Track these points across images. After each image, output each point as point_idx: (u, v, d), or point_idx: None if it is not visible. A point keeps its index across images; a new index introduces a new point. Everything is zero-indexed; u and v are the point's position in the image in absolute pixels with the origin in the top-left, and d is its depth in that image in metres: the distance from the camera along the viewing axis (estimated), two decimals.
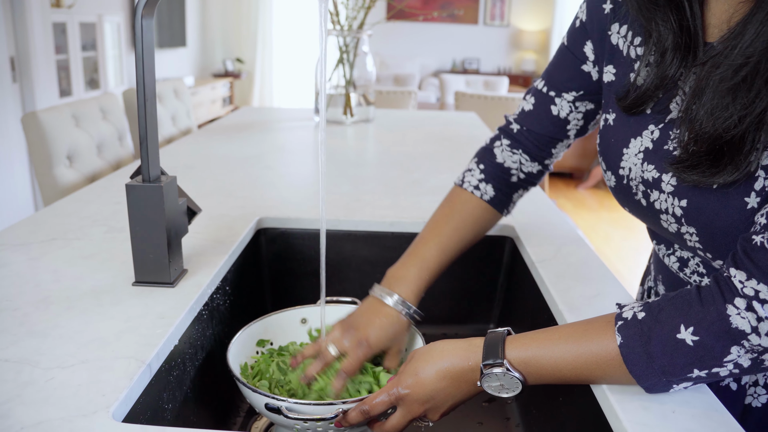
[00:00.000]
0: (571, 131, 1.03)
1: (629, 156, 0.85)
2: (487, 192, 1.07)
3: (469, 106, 4.38)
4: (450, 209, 1.08)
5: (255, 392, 0.83)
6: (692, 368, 0.68)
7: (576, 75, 0.98)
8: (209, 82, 7.48)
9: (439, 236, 1.04)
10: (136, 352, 0.80)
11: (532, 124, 1.04)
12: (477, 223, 1.07)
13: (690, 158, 0.73)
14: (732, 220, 0.73)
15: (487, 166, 1.08)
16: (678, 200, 0.77)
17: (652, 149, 0.82)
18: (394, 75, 8.42)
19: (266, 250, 1.37)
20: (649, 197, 0.83)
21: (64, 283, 0.99)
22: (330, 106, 2.68)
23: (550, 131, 1.03)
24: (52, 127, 1.97)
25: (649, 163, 0.81)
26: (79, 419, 0.66)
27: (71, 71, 4.98)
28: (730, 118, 0.68)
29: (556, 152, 1.07)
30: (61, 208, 1.37)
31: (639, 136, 0.84)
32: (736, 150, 0.69)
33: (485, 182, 1.07)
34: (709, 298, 0.68)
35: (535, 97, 1.04)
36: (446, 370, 0.78)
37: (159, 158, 0.95)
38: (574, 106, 0.99)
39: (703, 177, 0.72)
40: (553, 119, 1.02)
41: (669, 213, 0.80)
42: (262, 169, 1.79)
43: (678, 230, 0.81)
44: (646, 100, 0.82)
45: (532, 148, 1.06)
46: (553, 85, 1.01)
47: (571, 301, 1.00)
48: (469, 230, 1.06)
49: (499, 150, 1.08)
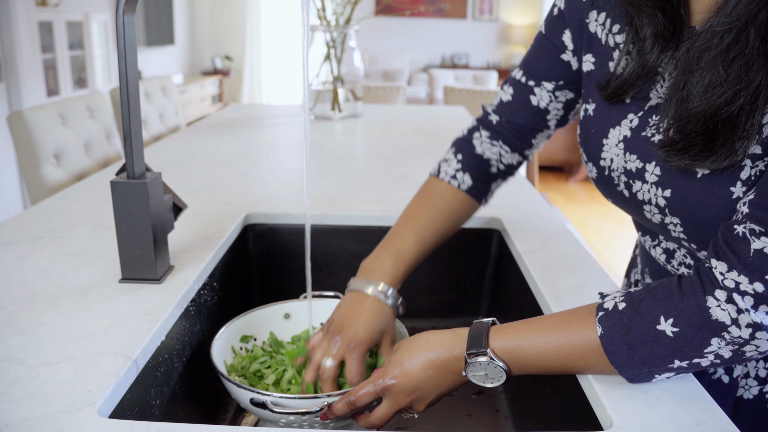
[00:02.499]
0: (551, 121, 1.02)
1: (610, 146, 0.85)
2: (465, 181, 1.06)
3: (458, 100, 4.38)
4: (426, 200, 1.06)
5: (239, 387, 0.83)
6: (673, 359, 0.68)
7: (555, 64, 0.97)
8: (198, 80, 7.46)
9: (414, 227, 1.02)
10: (122, 348, 0.80)
11: (511, 115, 1.03)
12: (454, 213, 1.06)
13: (682, 140, 0.71)
14: (717, 210, 0.72)
15: (465, 156, 1.07)
16: (661, 190, 0.77)
17: (630, 137, 0.81)
18: (383, 71, 8.41)
19: (254, 246, 1.37)
20: (631, 188, 0.82)
21: (50, 281, 0.98)
22: (318, 102, 2.68)
23: (530, 122, 1.02)
24: (39, 126, 1.96)
25: (632, 153, 0.80)
26: (65, 416, 0.66)
27: (58, 70, 4.95)
28: (724, 93, 0.66)
29: (536, 142, 1.06)
30: (48, 206, 1.36)
31: (618, 125, 0.83)
32: (731, 130, 0.67)
33: (462, 171, 1.06)
34: (689, 290, 0.68)
35: (513, 88, 1.02)
36: (432, 361, 0.78)
37: (143, 154, 0.95)
38: (554, 95, 0.99)
39: (694, 161, 0.71)
40: (533, 110, 1.01)
41: (652, 204, 0.79)
42: (250, 166, 1.79)
43: (662, 221, 0.80)
44: (628, 89, 0.81)
45: (512, 139, 1.05)
46: (531, 74, 0.99)
47: (558, 292, 1.00)
48: (445, 221, 1.05)
49: (478, 141, 1.07)
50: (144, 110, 2.77)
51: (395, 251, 1.00)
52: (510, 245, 1.26)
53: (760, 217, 0.65)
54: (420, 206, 1.05)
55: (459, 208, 1.06)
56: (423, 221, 1.03)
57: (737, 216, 0.68)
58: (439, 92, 7.41)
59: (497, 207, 1.41)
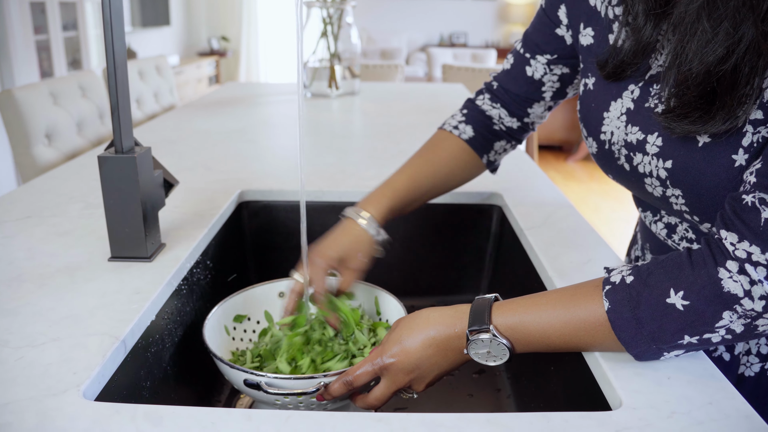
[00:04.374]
0: (546, 93, 1.02)
1: (611, 120, 0.83)
2: (466, 132, 1.08)
3: (457, 79, 4.33)
4: (426, 146, 1.09)
5: (233, 368, 0.80)
6: (682, 334, 0.65)
7: (550, 38, 0.97)
8: (194, 61, 7.38)
9: (411, 166, 1.06)
10: (110, 328, 0.77)
11: (508, 83, 1.05)
12: (452, 159, 1.07)
13: (681, 106, 0.70)
14: (719, 179, 0.71)
15: (470, 111, 1.10)
16: (662, 162, 0.75)
17: (633, 109, 0.80)
18: (381, 50, 8.34)
19: (249, 224, 1.33)
20: (632, 161, 0.80)
21: (37, 261, 0.95)
22: (315, 80, 2.64)
23: (524, 91, 1.03)
24: (29, 105, 1.93)
25: (633, 125, 0.79)
26: (48, 399, 0.63)
27: (52, 52, 4.88)
28: (716, 51, 0.65)
29: (534, 112, 1.06)
30: (38, 185, 1.33)
31: (619, 98, 0.82)
32: (728, 90, 0.66)
33: (465, 123, 1.09)
34: (700, 261, 0.65)
35: (513, 57, 1.04)
36: (432, 338, 0.75)
37: (132, 128, 0.92)
38: (549, 68, 0.99)
39: (694, 126, 0.69)
40: (527, 80, 1.02)
41: (653, 176, 0.78)
42: (246, 143, 1.75)
43: (663, 194, 0.78)
44: (626, 68, 0.80)
45: (509, 104, 1.06)
46: (528, 46, 1.01)
47: (562, 267, 0.97)
48: (443, 166, 1.06)
49: (482, 101, 1.10)
50: (138, 89, 2.73)
51: (388, 186, 1.03)
52: (511, 221, 1.23)
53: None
54: (421, 151, 1.09)
55: (458, 156, 1.07)
56: (420, 163, 1.06)
57: (745, 186, 0.66)
58: (437, 71, 7.35)
59: (498, 182, 1.38)
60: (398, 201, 1.02)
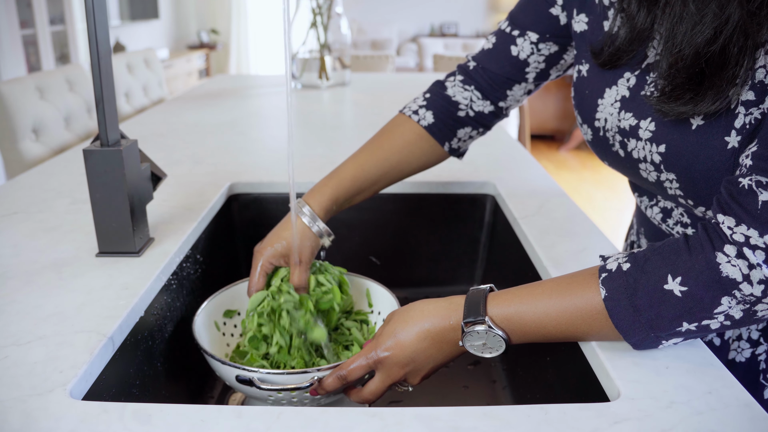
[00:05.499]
0: (530, 74, 0.99)
1: (605, 106, 0.83)
2: (426, 118, 1.02)
3: (448, 68, 4.31)
4: (381, 132, 1.04)
5: (224, 364, 0.78)
6: (681, 321, 0.64)
7: (543, 17, 0.94)
8: (184, 55, 7.33)
9: (359, 154, 1.01)
10: (97, 325, 0.75)
11: (488, 62, 1.00)
12: (407, 146, 1.01)
13: (673, 89, 0.70)
14: (712, 162, 0.70)
15: (433, 95, 1.04)
16: (656, 146, 0.75)
17: (629, 97, 0.79)
18: (371, 40, 8.30)
19: (239, 217, 1.32)
20: (626, 147, 0.80)
21: (23, 257, 0.93)
22: (305, 71, 2.61)
23: (506, 71, 0.99)
24: (14, 99, 1.90)
25: (627, 111, 0.79)
26: (34, 398, 0.62)
27: (40, 46, 4.84)
28: (704, 32, 0.65)
29: (513, 95, 1.02)
30: (24, 181, 1.31)
31: (614, 85, 0.81)
32: (717, 71, 0.66)
33: (425, 108, 1.03)
34: (698, 246, 0.64)
35: (496, 37, 1.00)
36: (427, 331, 0.74)
37: (117, 121, 0.90)
38: (537, 47, 0.96)
39: (685, 107, 0.69)
40: (511, 59, 0.98)
41: (647, 161, 0.77)
42: (235, 136, 1.73)
43: (658, 178, 0.78)
44: (621, 56, 0.80)
45: (485, 86, 1.01)
46: (517, 24, 0.97)
47: (557, 257, 0.96)
48: (395, 152, 1.01)
49: (451, 84, 1.04)
50: (127, 83, 2.70)
51: (333, 176, 0.99)
52: (505, 210, 1.21)
53: (766, 168, 0.62)
54: (373, 138, 1.04)
55: (414, 143, 1.02)
56: (369, 149, 1.02)
57: (741, 170, 0.65)
58: (428, 61, 7.33)
59: (491, 171, 1.36)
60: (343, 191, 0.98)
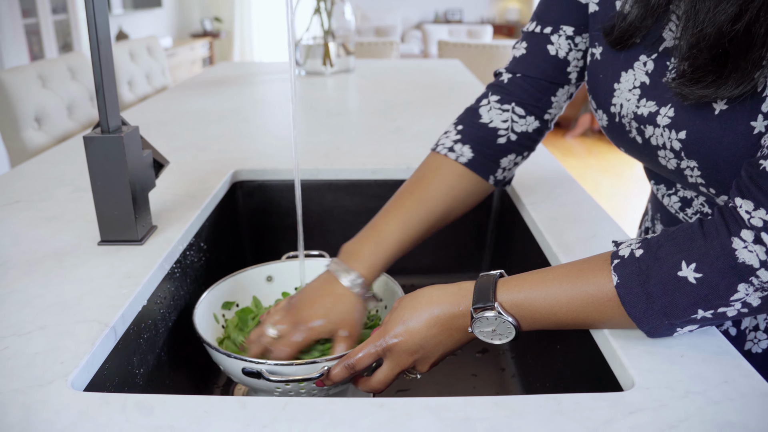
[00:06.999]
0: (572, 74, 0.91)
1: (621, 91, 0.79)
2: (464, 154, 0.93)
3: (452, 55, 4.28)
4: (418, 177, 0.94)
5: (230, 357, 0.77)
6: (696, 308, 0.62)
7: (573, 7, 0.88)
8: (187, 43, 7.30)
9: (401, 209, 0.91)
10: (99, 314, 0.73)
11: (526, 68, 0.92)
12: (450, 191, 0.92)
13: (694, 70, 0.66)
14: (737, 149, 0.67)
15: (467, 126, 0.94)
16: (676, 133, 0.72)
17: (650, 84, 0.76)
18: (376, 27, 8.27)
19: (243, 204, 1.30)
20: (643, 134, 0.77)
21: (24, 246, 0.92)
22: (309, 58, 2.59)
23: (548, 75, 0.91)
24: (16, 88, 1.88)
25: (649, 99, 0.75)
26: (34, 390, 0.60)
27: (42, 36, 4.82)
28: (727, 9, 0.62)
29: (557, 101, 0.93)
30: (26, 170, 1.29)
31: (630, 68, 0.78)
32: (742, 52, 0.63)
33: (462, 143, 0.93)
34: (713, 232, 0.62)
35: (527, 41, 0.92)
36: (436, 317, 0.72)
37: (118, 107, 0.88)
38: (574, 43, 0.89)
39: (707, 90, 0.66)
40: (551, 60, 0.90)
41: (667, 148, 0.74)
42: (239, 123, 1.71)
43: (678, 166, 0.75)
44: (634, 33, 0.76)
45: (527, 98, 0.92)
46: (547, 21, 0.90)
47: (567, 243, 0.94)
48: (440, 202, 0.92)
49: (486, 108, 0.94)
50: (130, 71, 2.68)
51: (377, 237, 0.89)
52: (512, 196, 1.20)
53: None
54: (411, 185, 0.94)
55: (457, 185, 0.93)
56: (412, 203, 0.91)
57: (762, 151, 0.63)
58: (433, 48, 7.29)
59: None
60: (391, 256, 0.89)
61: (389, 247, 0.89)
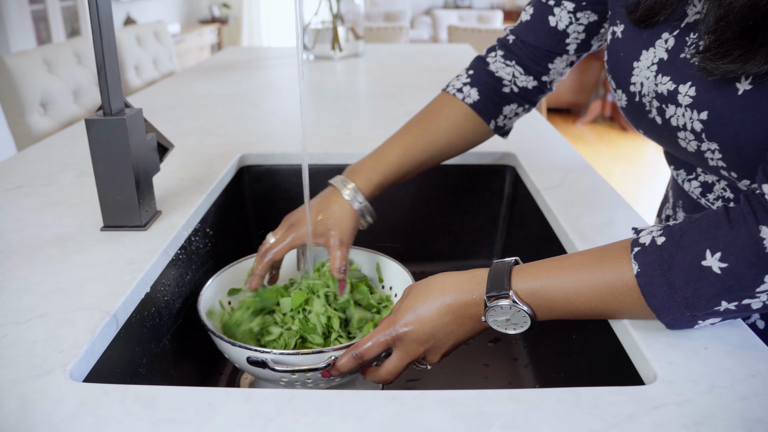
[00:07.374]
0: (570, 45, 0.93)
1: (640, 69, 0.76)
2: (471, 95, 0.99)
3: (462, 40, 4.23)
4: (425, 111, 1.01)
5: (234, 346, 0.75)
6: (720, 300, 0.59)
7: None
8: (196, 29, 7.26)
9: (405, 135, 0.99)
10: (100, 302, 0.71)
11: (527, 35, 0.96)
12: (454, 127, 0.99)
13: (720, 44, 0.63)
14: (761, 130, 0.63)
15: (477, 71, 1.00)
16: (697, 113, 0.68)
17: (667, 60, 0.72)
18: (385, 12, 8.19)
19: (250, 189, 1.28)
20: (664, 113, 0.73)
21: (27, 232, 0.90)
22: (317, 42, 2.56)
23: (545, 44, 0.94)
24: (22, 72, 1.86)
25: (665, 75, 0.72)
26: (32, 380, 0.58)
27: (50, 22, 4.79)
28: None
29: (555, 68, 0.97)
30: (30, 154, 1.27)
31: (651, 46, 0.75)
32: None
33: (470, 86, 0.99)
34: (740, 219, 0.59)
35: (533, 8, 0.95)
36: (448, 305, 0.69)
37: (121, 88, 0.86)
38: (575, 17, 0.90)
39: (733, 65, 0.62)
40: (550, 31, 0.93)
41: (687, 129, 0.71)
42: (247, 107, 1.69)
43: (698, 148, 0.71)
44: (659, 10, 0.73)
45: (526, 60, 0.97)
46: None
47: (583, 229, 0.91)
48: (442, 134, 0.98)
49: (492, 59, 1.00)
50: (137, 56, 2.66)
51: (378, 156, 0.97)
52: (526, 181, 1.16)
53: None
54: (418, 118, 1.01)
55: (460, 123, 0.99)
56: (416, 132, 0.99)
57: None
58: (442, 33, 7.23)
59: (510, 142, 1.31)
60: (389, 176, 0.96)
61: (388, 166, 0.96)
